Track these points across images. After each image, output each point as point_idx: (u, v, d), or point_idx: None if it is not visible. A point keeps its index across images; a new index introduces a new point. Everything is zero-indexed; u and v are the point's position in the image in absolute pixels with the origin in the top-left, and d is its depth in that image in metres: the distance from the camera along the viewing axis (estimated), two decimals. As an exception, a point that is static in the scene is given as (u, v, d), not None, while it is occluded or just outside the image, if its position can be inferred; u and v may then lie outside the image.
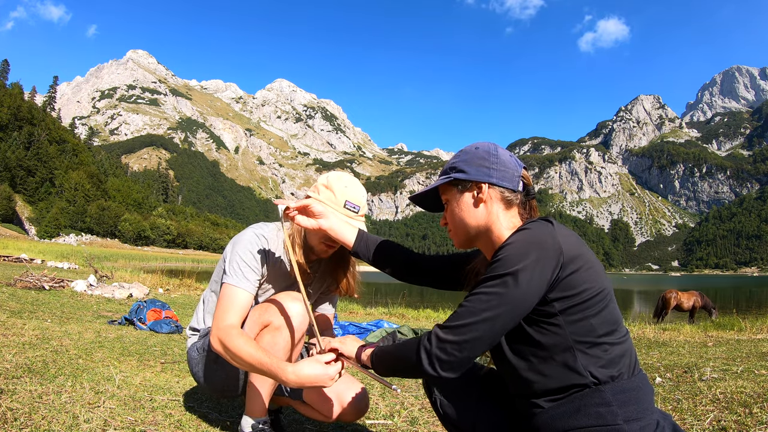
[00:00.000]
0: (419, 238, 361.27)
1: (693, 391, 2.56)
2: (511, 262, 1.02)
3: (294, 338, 1.55)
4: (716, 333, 6.09)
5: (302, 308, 1.55)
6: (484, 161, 1.20)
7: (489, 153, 1.20)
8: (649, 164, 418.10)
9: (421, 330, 4.97)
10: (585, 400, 1.03)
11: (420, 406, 2.48)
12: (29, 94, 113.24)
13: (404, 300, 11.41)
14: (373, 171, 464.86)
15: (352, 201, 1.59)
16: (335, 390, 1.68)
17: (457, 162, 1.22)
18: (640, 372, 1.09)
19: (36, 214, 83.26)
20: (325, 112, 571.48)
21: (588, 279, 1.04)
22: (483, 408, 1.26)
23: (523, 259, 1.01)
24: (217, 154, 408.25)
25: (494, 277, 1.03)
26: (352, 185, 1.63)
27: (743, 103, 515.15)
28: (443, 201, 1.28)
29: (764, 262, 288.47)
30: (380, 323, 5.81)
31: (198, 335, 1.73)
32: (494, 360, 1.21)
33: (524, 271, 1.00)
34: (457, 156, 1.24)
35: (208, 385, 1.69)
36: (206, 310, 1.75)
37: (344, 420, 1.77)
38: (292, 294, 1.59)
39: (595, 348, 1.04)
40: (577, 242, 1.08)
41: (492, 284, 1.03)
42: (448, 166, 1.24)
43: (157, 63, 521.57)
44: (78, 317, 4.81)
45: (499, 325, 1.03)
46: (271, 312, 1.54)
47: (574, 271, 1.03)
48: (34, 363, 2.40)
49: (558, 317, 1.04)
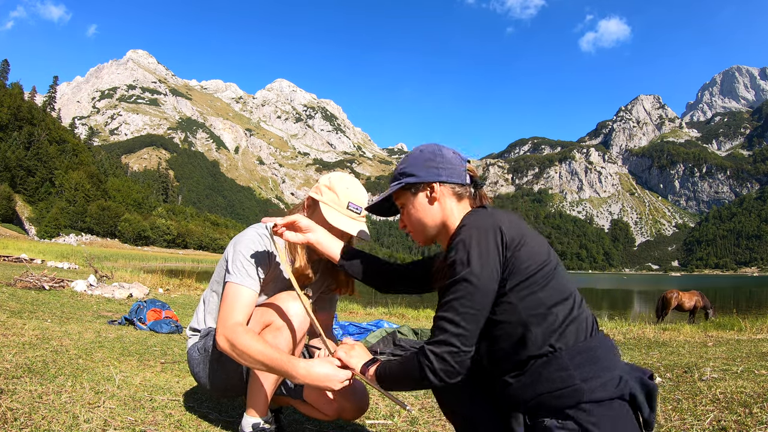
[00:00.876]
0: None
1: (693, 391, 2.56)
2: (462, 260, 1.10)
3: (295, 338, 1.57)
4: (716, 333, 6.09)
5: (301, 308, 1.56)
6: (431, 162, 1.28)
7: (434, 153, 1.29)
8: (649, 164, 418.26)
9: (421, 330, 4.96)
10: (544, 368, 1.09)
11: (420, 406, 2.48)
12: (29, 94, 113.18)
13: (404, 300, 11.42)
14: (373, 171, 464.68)
15: (355, 202, 1.62)
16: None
17: (406, 167, 1.31)
18: (598, 333, 1.14)
19: (36, 214, 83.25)
20: (325, 112, 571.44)
21: (531, 255, 1.11)
22: (479, 393, 1.30)
23: (473, 252, 1.09)
24: (217, 154, 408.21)
25: (455, 282, 1.10)
26: (354, 187, 1.65)
27: (743, 103, 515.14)
28: (399, 205, 1.36)
29: (764, 262, 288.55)
30: (380, 323, 5.81)
31: (199, 335, 1.73)
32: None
33: (478, 264, 1.08)
34: (405, 161, 1.32)
35: (209, 386, 1.69)
36: (207, 310, 1.74)
37: (345, 418, 1.76)
38: (293, 294, 1.59)
39: (548, 318, 1.09)
40: (516, 220, 1.16)
41: (455, 289, 1.10)
42: (398, 172, 1.32)
43: (157, 63, 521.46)
44: (78, 317, 4.81)
45: (480, 319, 1.11)
46: (273, 312, 1.56)
47: (516, 248, 1.10)
48: (34, 363, 2.39)
49: (508, 295, 1.10)
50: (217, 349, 1.52)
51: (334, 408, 1.68)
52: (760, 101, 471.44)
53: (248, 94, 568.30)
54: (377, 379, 1.27)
